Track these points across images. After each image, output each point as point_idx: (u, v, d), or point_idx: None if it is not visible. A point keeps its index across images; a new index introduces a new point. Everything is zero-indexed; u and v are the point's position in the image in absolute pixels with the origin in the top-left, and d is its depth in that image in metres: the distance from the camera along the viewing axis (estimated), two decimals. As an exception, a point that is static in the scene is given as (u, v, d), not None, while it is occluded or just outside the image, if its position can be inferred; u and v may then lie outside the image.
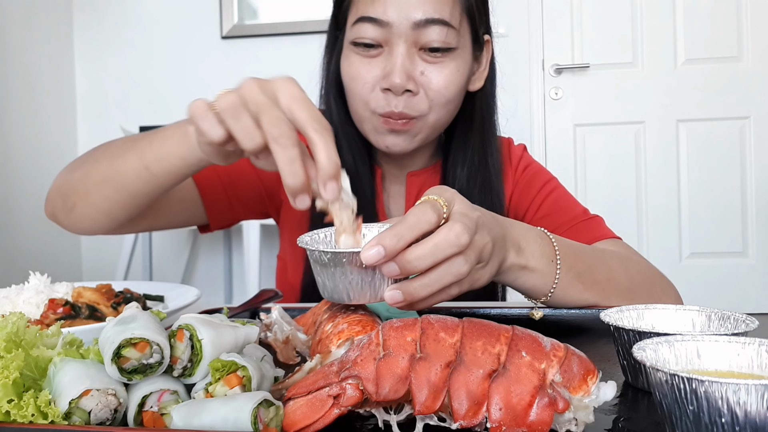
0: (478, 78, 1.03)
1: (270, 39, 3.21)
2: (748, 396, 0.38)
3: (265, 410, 0.44)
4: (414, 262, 0.55)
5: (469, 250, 0.58)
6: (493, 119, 1.05)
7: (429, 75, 0.93)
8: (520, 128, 2.94)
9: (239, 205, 1.06)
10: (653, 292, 0.85)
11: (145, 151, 0.80)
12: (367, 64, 0.94)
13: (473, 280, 0.62)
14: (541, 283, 0.72)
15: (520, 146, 1.13)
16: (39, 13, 3.09)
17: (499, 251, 0.65)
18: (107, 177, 0.84)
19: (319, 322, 0.62)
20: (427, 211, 0.56)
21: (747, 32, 2.90)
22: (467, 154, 1.02)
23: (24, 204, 2.90)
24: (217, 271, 3.28)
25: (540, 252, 0.71)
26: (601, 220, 1.02)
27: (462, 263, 0.57)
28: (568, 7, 3.02)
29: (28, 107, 3.00)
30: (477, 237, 0.59)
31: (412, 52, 0.93)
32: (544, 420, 0.44)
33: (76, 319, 0.75)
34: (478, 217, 0.60)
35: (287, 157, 0.55)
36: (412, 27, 0.91)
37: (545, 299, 0.74)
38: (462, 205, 0.61)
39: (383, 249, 0.53)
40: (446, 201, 0.59)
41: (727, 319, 0.57)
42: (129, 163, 0.82)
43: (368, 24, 0.92)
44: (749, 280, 2.90)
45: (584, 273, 0.76)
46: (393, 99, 0.93)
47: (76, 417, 0.44)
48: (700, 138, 2.96)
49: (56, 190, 0.93)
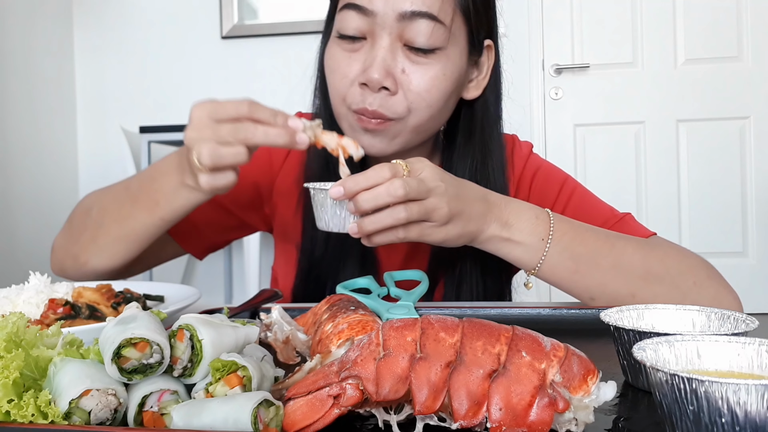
0: (476, 86, 0.96)
1: (270, 39, 3.21)
2: (748, 396, 0.38)
3: (265, 410, 0.44)
4: (361, 202, 0.71)
5: (413, 205, 0.71)
6: (495, 131, 0.98)
7: (410, 75, 0.87)
8: (520, 128, 2.93)
9: (211, 231, 1.07)
10: (681, 282, 0.82)
11: (155, 209, 0.88)
12: (348, 57, 0.89)
13: (422, 233, 0.75)
14: (527, 257, 0.80)
15: (527, 146, 1.08)
16: (39, 13, 3.09)
17: (468, 222, 0.77)
18: (120, 235, 0.92)
19: (319, 322, 0.62)
20: (384, 168, 0.71)
21: (747, 32, 2.90)
22: (467, 162, 0.97)
23: (24, 204, 2.90)
24: (217, 271, 3.28)
25: (530, 229, 0.80)
26: (631, 218, 0.97)
27: (401, 211, 0.71)
28: (568, 7, 3.02)
29: (28, 107, 3.00)
30: (429, 200, 0.73)
31: (395, 47, 0.87)
32: (544, 420, 0.44)
33: (76, 319, 0.75)
34: (437, 186, 0.73)
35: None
36: (397, 18, 0.85)
37: (534, 272, 0.82)
38: (428, 172, 0.74)
39: (343, 189, 0.71)
40: (410, 167, 0.73)
41: (727, 319, 0.57)
42: (142, 221, 0.90)
43: (353, 12, 0.87)
44: (749, 280, 2.89)
45: (582, 255, 0.81)
46: (369, 95, 0.87)
47: (76, 417, 0.44)
48: (700, 138, 2.96)
49: (63, 252, 0.98)
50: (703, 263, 0.87)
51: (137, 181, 0.93)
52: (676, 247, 0.90)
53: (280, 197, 1.06)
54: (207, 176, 0.78)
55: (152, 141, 2.76)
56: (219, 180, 0.79)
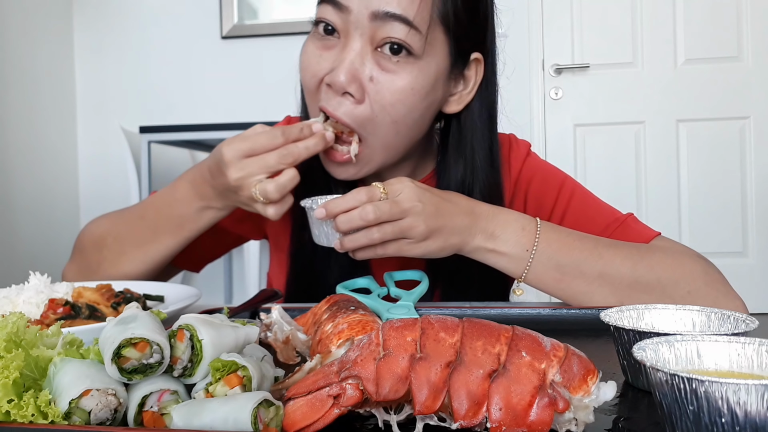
0: (458, 100, 0.92)
1: (270, 39, 3.21)
2: (748, 396, 0.38)
3: (265, 410, 0.44)
4: (339, 224, 0.78)
5: (386, 226, 0.77)
6: (485, 150, 0.94)
7: (378, 84, 0.84)
8: (520, 128, 2.93)
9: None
10: (673, 291, 0.82)
11: (181, 232, 0.94)
12: (319, 56, 0.87)
13: (399, 249, 0.80)
14: (513, 267, 0.84)
15: (524, 145, 1.05)
16: (39, 13, 3.09)
17: (450, 236, 0.81)
18: (145, 260, 0.97)
19: (319, 322, 0.62)
20: (361, 192, 0.77)
21: (747, 32, 2.90)
22: (457, 175, 0.94)
23: (24, 204, 2.90)
24: (217, 271, 3.28)
25: (515, 240, 0.83)
26: (633, 219, 0.95)
27: (374, 232, 0.77)
28: (568, 7, 3.03)
29: (28, 107, 3.00)
30: (404, 221, 0.77)
31: (366, 52, 0.84)
32: (544, 420, 0.44)
33: (76, 319, 0.75)
34: (413, 206, 0.77)
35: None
36: (370, 18, 0.83)
37: (521, 280, 0.85)
38: (405, 195, 0.78)
39: (324, 211, 0.78)
40: (389, 189, 0.78)
41: (727, 319, 0.57)
42: (166, 244, 0.96)
43: (329, 6, 0.86)
44: (749, 280, 2.90)
45: (567, 265, 0.83)
46: (333, 98, 0.86)
47: (76, 417, 0.44)
48: (700, 138, 2.96)
49: (82, 274, 1.01)
50: (703, 270, 0.85)
51: (152, 210, 0.97)
52: (677, 252, 0.87)
53: None
54: (275, 207, 0.85)
55: (152, 141, 2.75)
56: (285, 206, 0.86)
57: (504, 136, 1.04)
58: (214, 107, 3.26)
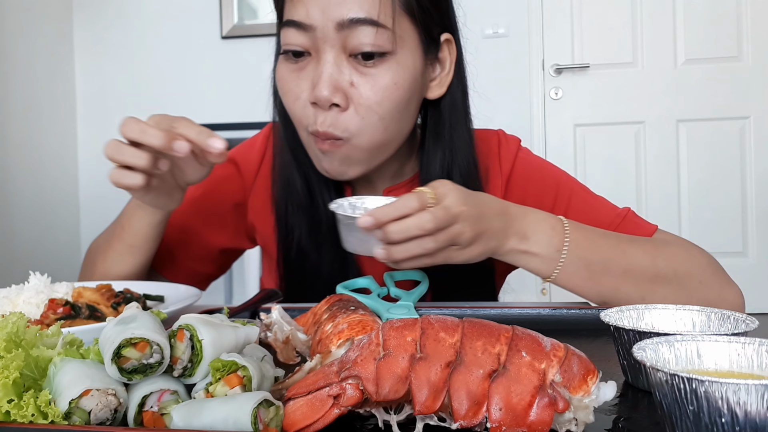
0: (439, 84, 0.92)
1: (270, 39, 3.19)
2: (748, 396, 0.38)
3: (265, 410, 0.44)
4: (390, 234, 0.72)
5: (440, 234, 0.72)
6: (464, 128, 0.95)
7: (359, 87, 0.83)
8: (521, 128, 2.94)
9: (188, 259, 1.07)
10: (688, 282, 0.84)
11: (123, 235, 0.94)
12: (296, 78, 0.86)
13: (447, 257, 0.76)
14: (544, 267, 0.81)
15: (514, 141, 1.04)
16: (39, 13, 3.09)
17: (490, 239, 0.78)
18: (108, 268, 0.97)
19: (319, 322, 0.62)
20: (412, 199, 0.72)
21: (747, 32, 2.90)
22: (437, 162, 0.94)
23: (24, 204, 2.90)
24: (217, 271, 3.27)
25: (546, 241, 0.81)
26: (633, 214, 0.97)
27: (430, 242, 0.72)
28: (568, 7, 3.03)
29: (28, 107, 3.00)
30: (454, 227, 0.73)
31: (340, 60, 0.83)
32: (544, 420, 0.44)
33: (76, 319, 0.75)
34: (461, 212, 0.73)
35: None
36: (336, 29, 0.82)
37: (550, 280, 0.83)
38: (453, 199, 0.73)
39: (373, 219, 0.71)
40: (436, 193, 0.73)
41: (727, 319, 0.57)
42: (119, 251, 0.95)
43: (292, 29, 0.85)
44: (749, 280, 2.88)
45: (595, 263, 0.82)
46: (320, 114, 0.84)
47: (76, 417, 0.44)
48: (700, 138, 2.96)
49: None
50: (707, 260, 0.88)
51: (119, 219, 0.97)
52: (681, 243, 0.91)
53: (256, 215, 1.06)
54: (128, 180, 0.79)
55: (152, 141, 2.75)
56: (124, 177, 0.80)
57: (492, 131, 1.04)
58: (214, 107, 3.26)
